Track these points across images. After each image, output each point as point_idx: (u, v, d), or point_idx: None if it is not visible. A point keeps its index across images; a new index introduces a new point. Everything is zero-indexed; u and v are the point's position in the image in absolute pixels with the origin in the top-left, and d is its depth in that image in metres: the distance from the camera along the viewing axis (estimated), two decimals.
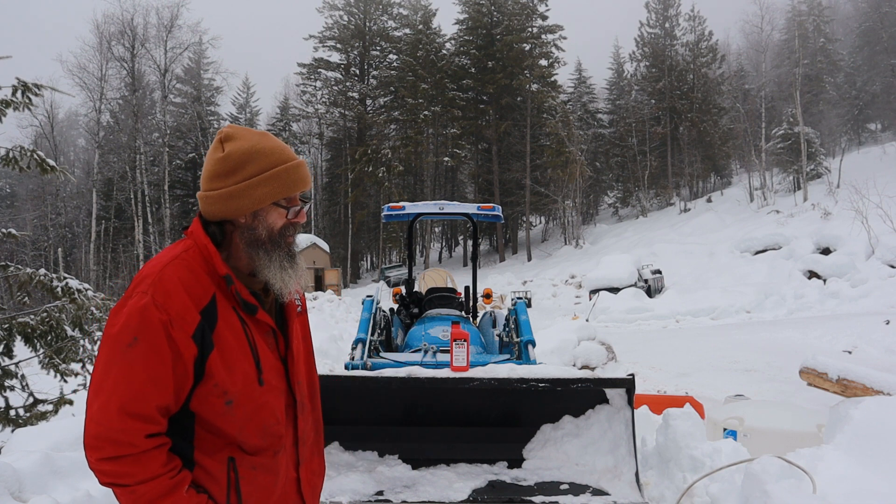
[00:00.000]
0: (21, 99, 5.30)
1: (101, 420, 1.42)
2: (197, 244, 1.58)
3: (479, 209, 6.25)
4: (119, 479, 1.42)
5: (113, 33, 37.13)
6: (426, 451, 3.67)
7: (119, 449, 1.41)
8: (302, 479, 1.70)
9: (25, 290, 5.73)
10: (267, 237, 1.60)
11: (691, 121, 46.07)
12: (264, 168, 1.58)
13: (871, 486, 2.95)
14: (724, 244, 28.99)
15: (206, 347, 1.49)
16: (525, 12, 46.12)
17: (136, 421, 1.42)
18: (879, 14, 45.13)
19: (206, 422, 1.53)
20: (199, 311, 1.49)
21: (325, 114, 49.99)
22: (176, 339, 1.45)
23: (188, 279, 1.51)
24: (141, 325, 1.43)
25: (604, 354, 10.87)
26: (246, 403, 1.55)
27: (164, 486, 1.43)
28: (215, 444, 1.54)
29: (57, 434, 4.07)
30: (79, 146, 54.10)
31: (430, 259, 49.27)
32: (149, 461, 1.43)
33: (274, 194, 1.58)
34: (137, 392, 1.42)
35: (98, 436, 1.42)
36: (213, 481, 1.53)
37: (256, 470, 1.58)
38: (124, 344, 1.43)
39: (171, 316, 1.45)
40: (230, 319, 1.54)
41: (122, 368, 1.43)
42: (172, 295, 1.47)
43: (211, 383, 1.50)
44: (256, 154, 1.59)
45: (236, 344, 1.54)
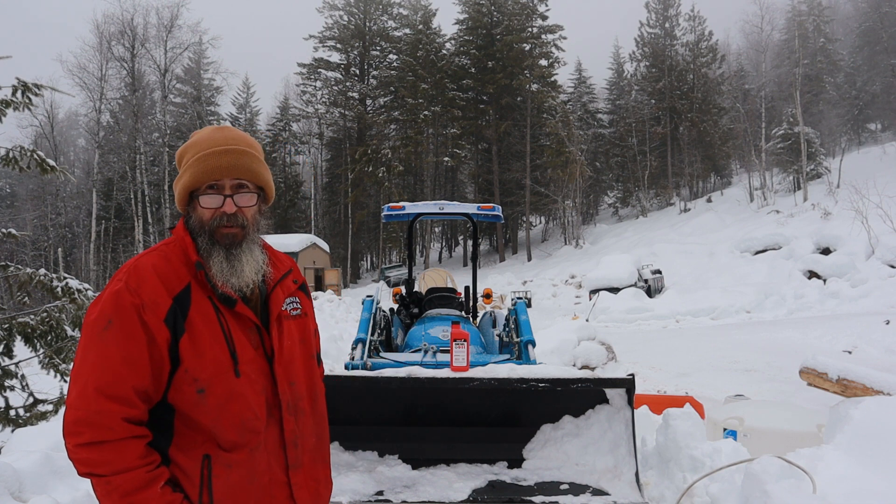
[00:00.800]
0: (21, 99, 5.30)
1: (80, 404, 1.43)
2: (176, 237, 1.64)
3: (479, 209, 6.25)
4: (96, 469, 1.43)
5: (113, 33, 37.17)
6: (426, 451, 3.67)
7: (97, 433, 1.41)
8: (295, 484, 1.65)
9: (25, 290, 5.73)
10: (198, 228, 1.62)
11: (691, 121, 46.07)
12: (188, 159, 1.62)
13: (871, 486, 2.95)
14: (724, 244, 28.99)
15: (178, 332, 1.51)
16: (525, 12, 46.11)
17: (112, 402, 1.43)
18: (879, 14, 45.13)
19: (183, 414, 1.53)
20: (171, 297, 1.52)
21: (325, 114, 49.99)
22: (149, 322, 1.48)
23: (163, 267, 1.55)
24: (115, 309, 1.48)
25: (604, 354, 10.87)
26: (217, 392, 1.53)
27: (139, 480, 1.43)
28: (194, 440, 1.53)
29: (57, 434, 4.05)
30: (79, 146, 54.13)
31: (430, 259, 49.27)
32: (126, 450, 1.43)
33: (189, 184, 1.60)
34: (113, 373, 1.44)
35: (77, 420, 1.43)
36: (186, 479, 1.52)
37: (231, 468, 1.55)
38: (100, 328, 1.47)
39: (144, 300, 1.49)
40: (203, 307, 1.56)
41: (98, 351, 1.46)
42: (146, 281, 1.51)
43: (182, 369, 1.51)
44: (190, 146, 1.65)
45: (207, 331, 1.54)
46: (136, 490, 1.43)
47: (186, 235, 1.61)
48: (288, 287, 1.76)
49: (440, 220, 48.27)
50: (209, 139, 1.64)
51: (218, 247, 1.60)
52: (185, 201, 1.64)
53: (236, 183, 1.63)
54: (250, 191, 1.65)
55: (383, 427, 3.77)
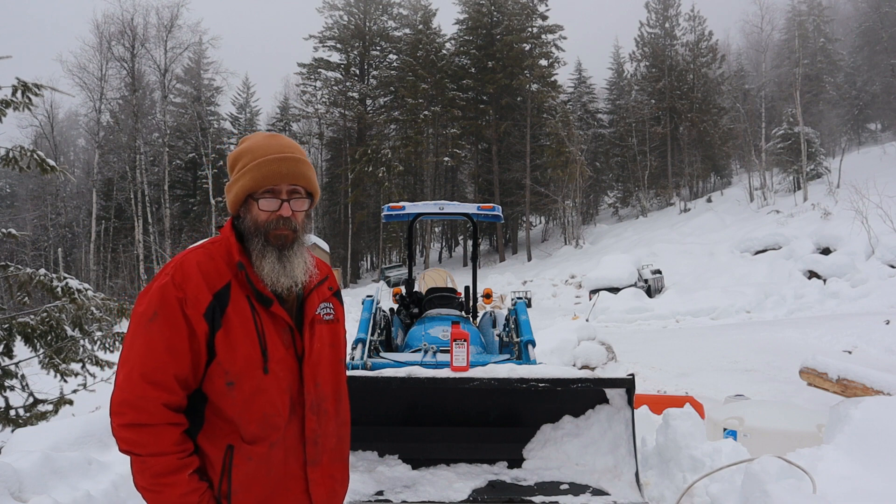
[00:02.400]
0: (21, 99, 5.31)
1: (125, 387, 1.56)
2: (223, 236, 1.74)
3: (479, 209, 6.25)
4: (134, 448, 1.54)
5: (113, 33, 37.08)
6: (426, 451, 3.67)
7: (138, 416, 1.53)
8: (312, 480, 1.74)
9: (25, 290, 5.73)
10: (253, 229, 1.70)
11: (691, 121, 46.04)
12: (246, 163, 1.71)
13: (871, 486, 2.95)
14: (724, 244, 28.97)
15: (215, 326, 1.61)
16: (525, 12, 46.06)
17: (154, 388, 1.55)
18: (879, 14, 45.13)
19: (214, 404, 1.63)
20: (212, 293, 1.62)
21: (325, 114, 49.92)
22: (190, 316, 1.59)
23: (206, 265, 1.66)
24: (160, 302, 1.59)
25: (604, 354, 10.88)
26: (245, 386, 1.63)
27: (170, 464, 1.54)
28: (221, 430, 1.63)
29: (57, 434, 4.07)
30: (79, 146, 54.10)
31: (430, 259, 49.26)
32: (162, 435, 1.54)
33: (247, 187, 1.70)
34: (157, 360, 1.56)
35: (121, 402, 1.55)
36: (210, 466, 1.63)
37: (252, 460, 1.64)
38: (146, 319, 1.59)
39: (187, 295, 1.60)
40: (241, 305, 1.65)
41: (144, 340, 1.58)
42: (190, 277, 1.62)
43: (216, 361, 1.62)
44: (246, 151, 1.73)
45: (242, 327, 1.63)
46: (166, 473, 1.54)
47: (232, 236, 1.71)
48: (323, 293, 1.85)
49: (440, 220, 48.26)
50: (266, 146, 1.72)
51: (271, 248, 1.69)
52: (239, 203, 1.73)
53: (291, 188, 1.73)
54: (303, 196, 1.76)
55: (383, 427, 3.77)
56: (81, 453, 3.79)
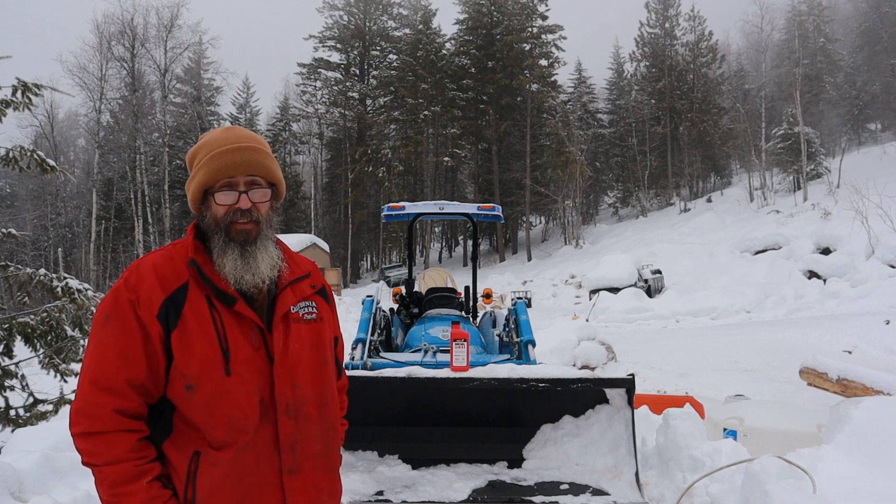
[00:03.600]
0: (21, 99, 5.30)
1: (79, 395, 1.52)
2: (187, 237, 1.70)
3: (479, 209, 6.25)
4: (91, 458, 1.50)
5: (113, 33, 37.10)
6: (426, 451, 3.67)
7: (91, 423, 1.48)
8: (290, 489, 1.62)
9: (25, 290, 5.73)
10: (213, 226, 1.65)
11: (691, 121, 46.03)
12: (201, 158, 1.66)
13: (871, 486, 2.95)
14: (724, 244, 28.97)
15: (170, 328, 1.55)
16: (525, 12, 46.06)
17: (104, 394, 1.49)
18: (879, 14, 45.13)
19: (179, 411, 1.57)
20: (165, 294, 1.56)
21: (325, 114, 49.92)
22: (142, 317, 1.53)
23: (162, 266, 1.61)
24: (112, 305, 1.55)
25: (604, 354, 10.88)
26: (205, 389, 1.54)
27: (126, 472, 1.48)
28: (188, 437, 1.57)
29: (57, 434, 4.07)
30: (79, 146, 54.11)
31: (430, 259, 49.26)
32: (116, 443, 1.49)
33: (203, 182, 1.64)
34: (107, 365, 1.51)
35: (76, 410, 1.51)
36: (175, 474, 1.57)
37: (216, 466, 1.55)
38: (99, 323, 1.55)
39: (139, 296, 1.55)
40: (198, 305, 1.58)
41: (96, 345, 1.54)
42: (143, 278, 1.57)
43: (173, 364, 1.56)
44: (201, 147, 1.69)
45: (199, 328, 1.56)
46: (123, 482, 1.48)
47: (191, 235, 1.67)
48: (302, 290, 1.75)
49: (440, 220, 48.25)
50: (221, 138, 1.67)
51: (233, 244, 1.63)
52: (199, 201, 1.68)
53: (249, 179, 1.66)
54: (263, 187, 1.69)
55: (383, 427, 3.77)
56: None
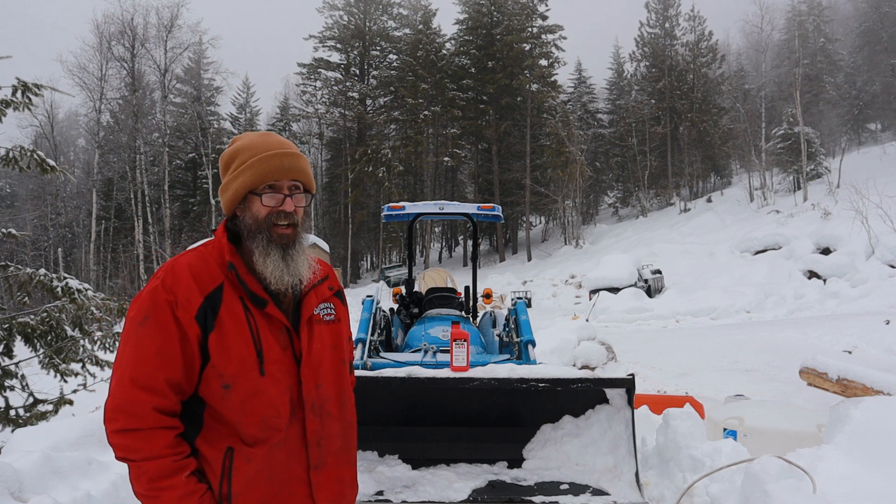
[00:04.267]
0: (21, 99, 5.31)
1: (116, 393, 1.55)
2: (216, 238, 1.73)
3: (479, 209, 6.25)
4: (128, 454, 1.54)
5: (113, 33, 37.07)
6: (426, 451, 3.67)
7: (129, 421, 1.53)
8: (316, 484, 1.71)
9: (25, 290, 5.73)
10: (254, 226, 1.69)
11: (691, 121, 46.03)
12: (244, 160, 1.70)
13: (871, 486, 2.95)
14: (724, 244, 28.97)
15: (207, 329, 1.60)
16: (525, 12, 46.06)
17: (144, 392, 1.54)
18: (879, 14, 45.13)
19: (212, 408, 1.62)
20: (203, 296, 1.61)
21: (325, 114, 49.90)
22: (181, 318, 1.58)
23: (198, 267, 1.65)
24: (150, 305, 1.58)
25: (604, 354, 10.88)
26: (241, 388, 1.61)
27: (166, 467, 1.54)
28: (220, 433, 1.63)
29: (57, 434, 4.07)
30: (79, 146, 54.10)
31: (430, 259, 49.25)
32: (155, 439, 1.54)
33: (247, 184, 1.68)
34: (146, 364, 1.55)
35: (114, 408, 1.55)
36: (209, 469, 1.62)
37: (251, 462, 1.63)
38: (137, 323, 1.58)
39: (177, 297, 1.59)
40: (233, 307, 1.64)
41: (135, 344, 1.57)
42: (180, 280, 1.61)
43: (210, 364, 1.61)
44: (242, 150, 1.73)
45: (235, 329, 1.62)
46: (162, 476, 1.53)
47: (224, 237, 1.70)
48: (322, 293, 1.83)
49: (440, 220, 48.25)
50: (263, 143, 1.72)
51: (275, 246, 1.68)
52: (238, 201, 1.71)
53: (292, 184, 1.72)
54: (301, 192, 1.75)
55: (383, 427, 3.76)
56: (81, 453, 3.79)
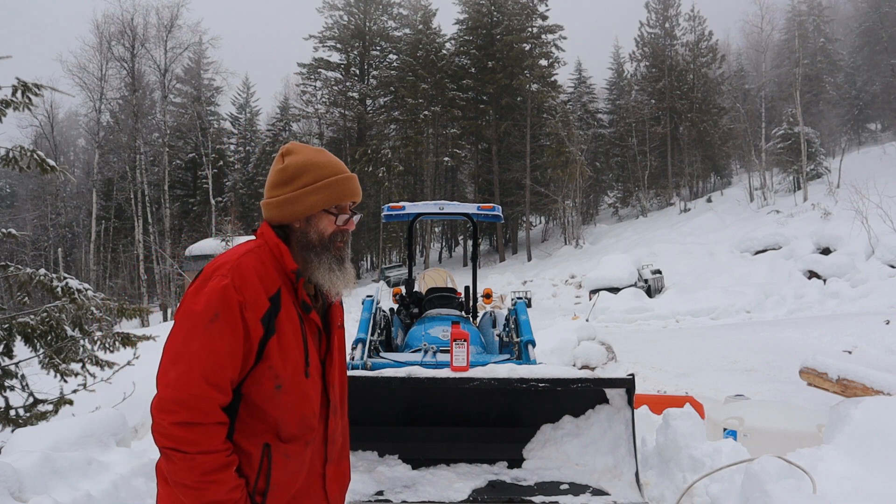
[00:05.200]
0: (21, 99, 5.30)
1: (181, 386, 1.55)
2: (268, 243, 1.77)
3: (479, 209, 6.26)
4: (182, 446, 1.54)
5: (113, 33, 37.08)
6: (426, 451, 3.67)
7: (193, 415, 1.54)
8: (328, 477, 1.83)
9: (25, 290, 5.73)
10: (318, 241, 1.80)
11: (691, 121, 46.03)
12: (317, 178, 1.79)
13: (871, 486, 2.95)
14: (724, 244, 28.98)
15: (269, 331, 1.66)
16: (525, 12, 46.05)
17: (213, 390, 1.57)
18: (879, 14, 45.14)
19: (253, 404, 1.67)
20: (268, 298, 1.67)
21: (325, 114, 49.89)
22: (248, 319, 1.62)
23: (261, 270, 1.69)
24: (222, 304, 1.60)
25: (604, 354, 10.87)
26: (293, 391, 1.70)
27: (219, 461, 1.57)
28: (254, 428, 1.67)
29: (57, 434, 4.07)
30: (79, 146, 54.12)
31: (430, 259, 49.26)
32: (214, 434, 1.57)
33: (324, 202, 1.79)
34: (218, 363, 1.58)
35: (176, 400, 1.54)
36: (246, 463, 1.66)
37: (289, 458, 1.71)
38: (206, 319, 1.59)
39: (246, 298, 1.62)
40: (290, 311, 1.72)
41: (205, 341, 1.57)
42: (248, 281, 1.65)
43: (266, 365, 1.66)
44: (311, 166, 1.81)
45: (292, 334, 1.70)
46: (215, 470, 1.56)
47: (281, 244, 1.76)
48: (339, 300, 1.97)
49: (440, 220, 48.25)
50: (332, 163, 1.83)
51: (336, 260, 1.82)
52: (306, 216, 1.79)
53: (352, 205, 1.88)
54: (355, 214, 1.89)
55: (383, 427, 3.77)
56: (81, 453, 3.79)
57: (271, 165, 1.86)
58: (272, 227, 1.80)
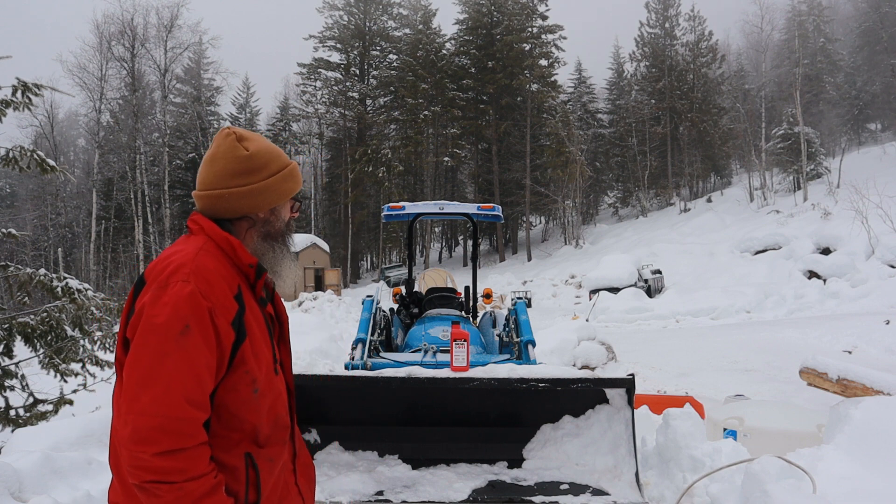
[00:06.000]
0: (21, 99, 5.30)
1: (160, 411, 1.36)
2: (214, 239, 1.61)
3: (479, 209, 6.26)
4: (168, 476, 1.36)
5: (113, 33, 37.12)
6: (426, 451, 3.67)
7: (179, 441, 1.36)
8: (298, 471, 1.75)
9: (25, 290, 5.73)
10: (280, 231, 1.73)
11: (691, 121, 46.05)
12: (282, 166, 1.71)
13: (871, 486, 2.95)
14: (724, 244, 28.98)
15: (241, 334, 1.53)
16: (525, 12, 46.09)
17: (196, 409, 1.40)
18: (879, 14, 45.14)
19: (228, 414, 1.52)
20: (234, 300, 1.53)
21: (325, 114, 49.92)
22: (219, 326, 1.47)
23: (220, 269, 1.54)
24: (192, 313, 1.43)
25: (604, 354, 10.87)
26: (269, 391, 1.61)
27: (209, 484, 1.41)
28: (231, 440, 1.53)
29: (57, 434, 4.07)
30: (79, 146, 54.12)
31: (430, 259, 49.26)
32: (200, 456, 1.40)
33: (293, 189, 1.73)
34: (197, 379, 1.41)
35: (155, 427, 1.35)
36: (232, 478, 1.51)
37: (273, 462, 1.61)
38: (176, 332, 1.40)
39: (214, 303, 1.47)
40: (254, 309, 1.61)
41: (180, 356, 1.40)
42: (213, 283, 1.49)
43: (242, 370, 1.52)
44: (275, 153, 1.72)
45: (259, 332, 1.60)
46: (206, 495, 1.39)
47: (231, 237, 1.61)
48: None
49: (440, 220, 48.26)
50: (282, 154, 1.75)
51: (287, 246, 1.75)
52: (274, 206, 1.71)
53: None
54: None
55: (383, 427, 3.76)
56: (81, 453, 3.79)
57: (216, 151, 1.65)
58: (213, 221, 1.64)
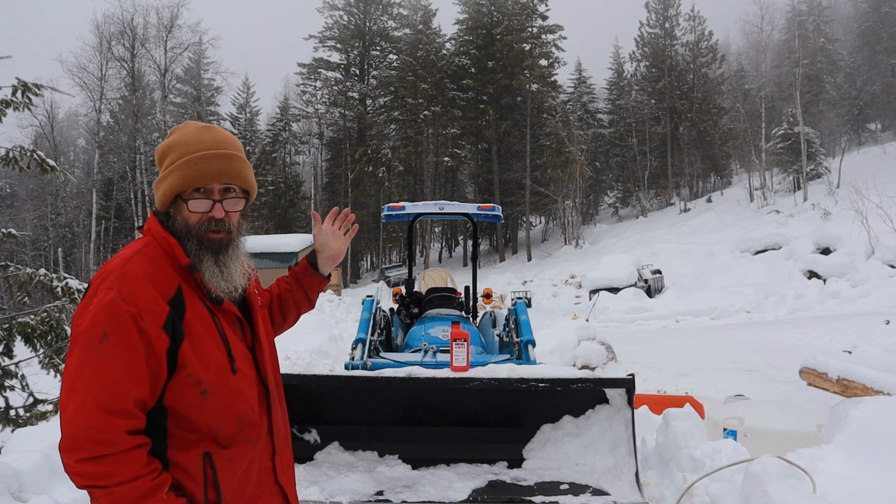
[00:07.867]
0: (21, 99, 5.31)
1: (79, 420, 1.38)
2: (156, 238, 1.58)
3: (479, 209, 6.26)
4: (98, 481, 1.39)
5: (113, 33, 37.12)
6: (426, 451, 3.67)
7: (99, 448, 1.37)
8: (278, 470, 1.70)
9: (25, 290, 5.73)
10: (184, 232, 1.58)
11: (691, 121, 46.05)
12: (175, 159, 1.58)
13: (871, 486, 2.95)
14: (724, 244, 28.97)
15: (177, 337, 1.48)
16: (525, 12, 46.08)
17: (115, 417, 1.39)
18: (879, 14, 45.11)
19: (181, 416, 1.51)
20: (167, 302, 1.48)
21: (325, 114, 49.92)
22: (147, 330, 1.44)
23: (152, 272, 1.50)
24: (110, 320, 1.41)
25: (604, 354, 10.87)
26: (221, 392, 1.54)
27: (144, 488, 1.40)
28: (189, 440, 1.52)
29: (57, 434, 4.06)
30: (79, 146, 54.09)
31: (430, 259, 49.25)
32: (129, 461, 1.40)
33: (176, 187, 1.56)
34: (114, 387, 1.39)
35: (76, 437, 1.38)
36: (189, 478, 1.51)
37: (234, 462, 1.56)
38: (95, 340, 1.40)
39: (140, 308, 1.44)
40: (198, 309, 1.55)
41: (97, 365, 1.40)
42: (139, 288, 1.46)
43: (184, 373, 1.49)
44: (176, 145, 1.60)
45: (206, 333, 1.54)
46: (140, 499, 1.40)
47: (170, 237, 1.57)
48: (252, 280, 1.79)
49: (440, 220, 48.26)
50: (197, 140, 1.59)
51: (207, 252, 1.58)
52: (168, 203, 1.60)
53: (224, 187, 1.61)
54: (237, 195, 1.64)
55: (383, 427, 3.76)
56: None
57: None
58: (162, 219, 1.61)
